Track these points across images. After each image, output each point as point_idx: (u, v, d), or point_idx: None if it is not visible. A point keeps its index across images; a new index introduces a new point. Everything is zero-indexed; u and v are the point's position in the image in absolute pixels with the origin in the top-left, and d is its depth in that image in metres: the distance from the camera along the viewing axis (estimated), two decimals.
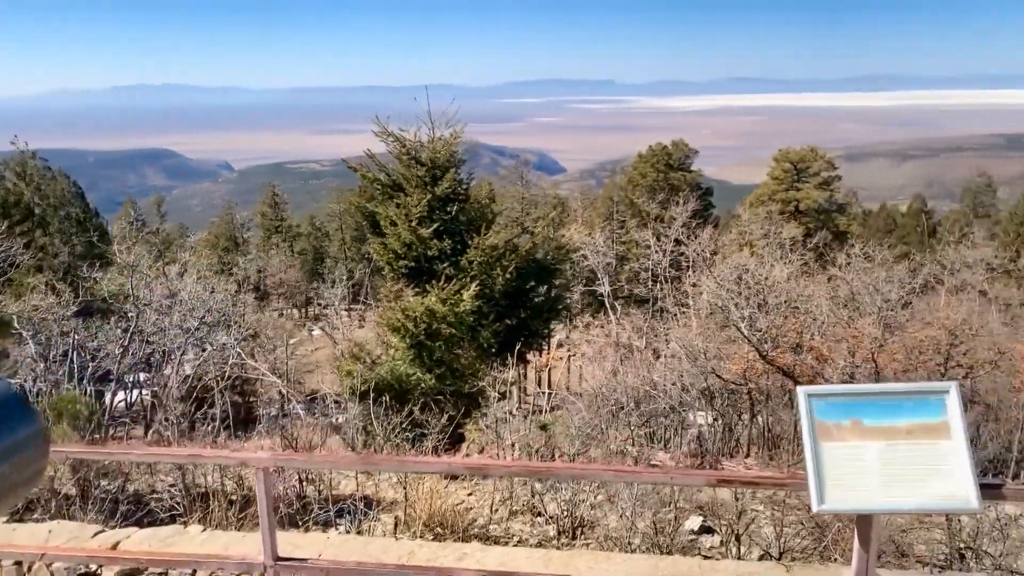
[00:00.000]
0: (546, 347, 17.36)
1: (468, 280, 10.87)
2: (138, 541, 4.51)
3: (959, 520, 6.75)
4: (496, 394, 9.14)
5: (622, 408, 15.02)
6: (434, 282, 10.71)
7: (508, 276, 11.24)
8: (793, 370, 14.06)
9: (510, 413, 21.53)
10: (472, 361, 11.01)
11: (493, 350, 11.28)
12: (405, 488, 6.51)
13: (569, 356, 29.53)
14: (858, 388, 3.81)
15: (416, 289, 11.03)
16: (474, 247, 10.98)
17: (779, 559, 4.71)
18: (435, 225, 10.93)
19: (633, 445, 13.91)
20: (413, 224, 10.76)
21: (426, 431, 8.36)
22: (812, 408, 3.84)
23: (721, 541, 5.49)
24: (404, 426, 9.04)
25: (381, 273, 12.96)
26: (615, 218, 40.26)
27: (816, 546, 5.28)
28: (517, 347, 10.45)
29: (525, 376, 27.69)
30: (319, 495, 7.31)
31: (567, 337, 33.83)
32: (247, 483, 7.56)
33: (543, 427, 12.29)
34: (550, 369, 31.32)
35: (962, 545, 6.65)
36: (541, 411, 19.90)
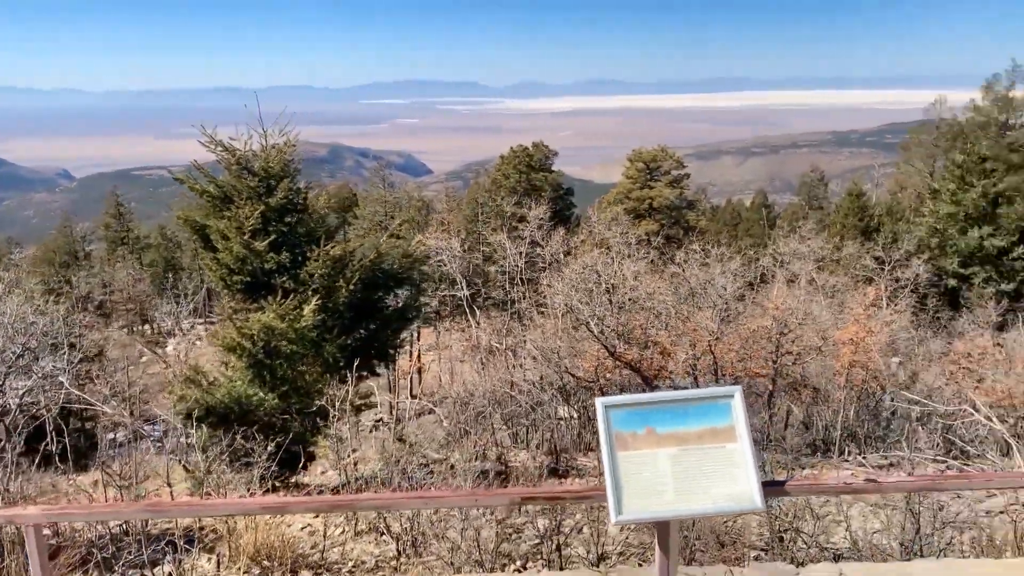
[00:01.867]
0: (398, 357, 17.10)
1: (309, 294, 10.49)
2: None
3: (779, 505, 7.16)
4: (337, 412, 8.85)
5: (481, 413, 15.08)
6: (272, 297, 10.25)
7: (352, 287, 10.94)
8: (640, 365, 14.58)
9: (375, 424, 21.17)
10: (317, 378, 10.63)
11: (341, 364, 10.94)
12: (227, 520, 6.14)
13: (434, 362, 29.40)
14: (651, 397, 3.90)
15: (253, 305, 10.54)
16: (314, 259, 10.60)
17: (596, 566, 4.81)
18: (271, 237, 10.47)
19: (497, 447, 14.02)
20: (247, 237, 10.26)
21: (265, 454, 7.99)
22: (610, 419, 3.89)
23: (543, 551, 5.54)
24: (243, 450, 8.62)
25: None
26: (480, 220, 40.45)
27: (638, 550, 5.42)
28: (356, 363, 10.15)
29: (395, 384, 27.31)
30: (140, 531, 6.81)
31: (436, 341, 33.68)
32: (61, 526, 6.94)
33: (400, 439, 12.11)
34: (420, 374, 31.06)
35: (781, 528, 7.06)
36: (407, 419, 19.70)
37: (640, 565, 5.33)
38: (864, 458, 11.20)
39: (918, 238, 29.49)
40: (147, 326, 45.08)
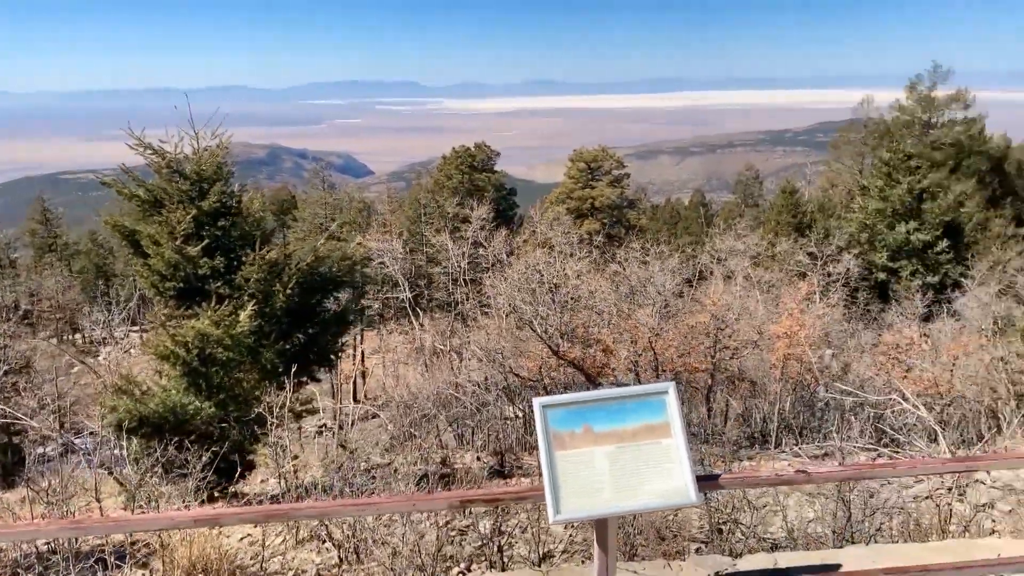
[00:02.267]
0: (340, 361, 16.89)
1: (245, 299, 10.25)
2: None
3: (718, 497, 7.30)
4: (276, 419, 8.67)
5: (426, 415, 15.01)
6: (206, 303, 9.98)
7: (290, 292, 10.72)
8: (584, 363, 14.70)
9: (319, 430, 20.86)
10: (255, 384, 10.40)
11: (279, 371, 10.71)
12: (161, 534, 5.96)
13: (378, 365, 29.09)
14: (587, 395, 3.92)
15: (187, 312, 10.24)
16: (250, 263, 10.36)
17: (539, 565, 4.83)
18: (204, 242, 10.18)
19: (442, 449, 13.95)
20: (179, 242, 9.96)
21: (200, 465, 7.77)
22: (547, 418, 3.91)
23: (486, 552, 5.53)
24: (179, 461, 8.37)
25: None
26: (423, 220, 40.24)
27: (582, 546, 5.46)
28: (295, 369, 9.96)
29: (339, 389, 26.94)
30: (69, 549, 6.55)
31: (380, 344, 33.37)
32: None
33: (343, 445, 11.94)
34: (363, 378, 30.72)
35: (720, 520, 7.20)
36: (350, 425, 19.43)
37: (583, 562, 5.37)
38: (800, 449, 11.49)
39: (849, 233, 30.44)
40: (78, 335, 43.52)
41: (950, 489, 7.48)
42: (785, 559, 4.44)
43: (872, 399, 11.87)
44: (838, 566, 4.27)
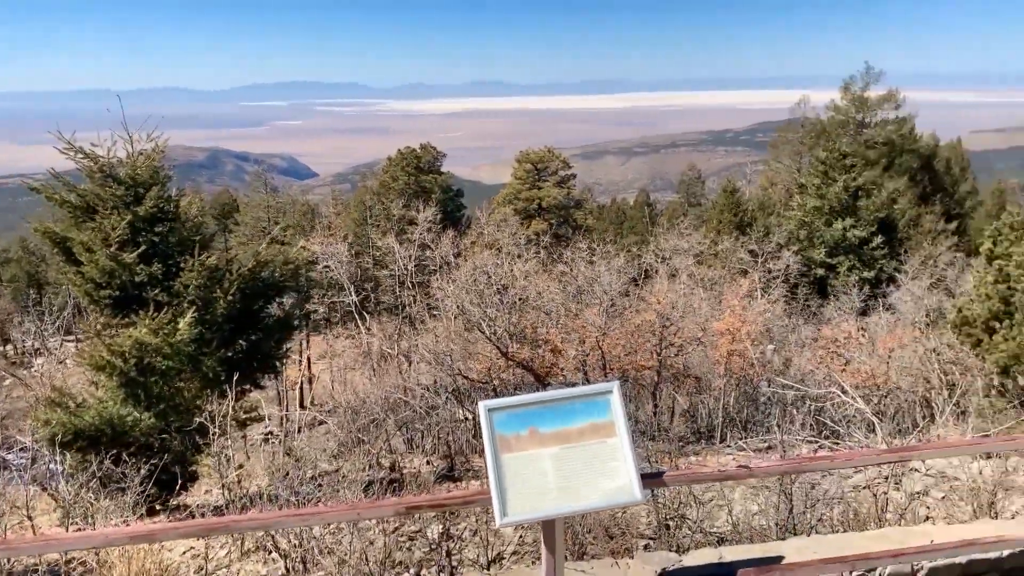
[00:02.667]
0: (285, 367, 16.61)
1: (185, 306, 9.99)
2: None
3: (665, 493, 7.40)
4: (218, 428, 8.46)
5: (374, 420, 14.85)
6: (144, 311, 9.69)
7: (231, 297, 10.49)
8: (532, 364, 14.75)
9: (265, 437, 20.41)
10: (197, 393, 10.15)
11: (222, 378, 10.47)
12: (98, 551, 5.76)
13: (325, 370, 28.71)
14: (533, 398, 3.93)
15: (124, 321, 9.93)
16: (189, 269, 10.10)
17: (488, 568, 4.82)
18: (141, 248, 9.89)
19: (392, 454, 13.82)
20: (113, 249, 9.65)
21: (139, 478, 7.54)
22: (492, 422, 3.89)
23: (436, 557, 5.51)
24: (117, 475, 8.10)
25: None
26: (369, 223, 39.82)
27: (532, 547, 5.47)
28: (237, 376, 9.75)
29: (285, 395, 26.47)
30: (1, 569, 6.29)
31: (327, 349, 32.90)
32: None
33: (288, 452, 11.73)
34: (311, 384, 30.27)
35: (668, 516, 7.29)
36: (296, 431, 19.12)
37: (533, 563, 5.37)
38: (745, 443, 11.72)
39: (788, 231, 31.20)
40: (8, 346, 41.84)
41: (887, 478, 7.72)
42: (730, 553, 4.52)
43: (813, 392, 12.18)
44: (780, 558, 4.36)
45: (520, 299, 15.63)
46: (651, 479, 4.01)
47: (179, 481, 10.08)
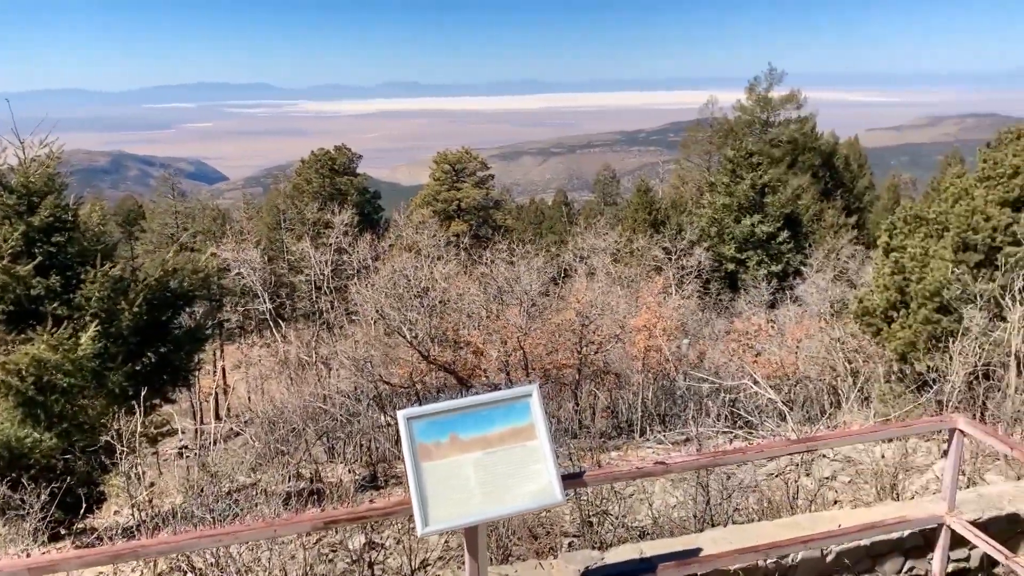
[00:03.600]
0: (198, 379, 16.05)
1: (87, 319, 9.51)
2: None
3: (587, 490, 7.50)
4: (126, 445, 8.10)
5: (294, 430, 14.51)
6: (42, 327, 9.18)
7: (137, 309, 10.04)
8: (455, 366, 14.71)
9: (180, 451, 19.62)
10: (103, 410, 9.68)
11: (129, 393, 10.01)
12: None
13: (241, 380, 27.88)
14: (453, 404, 3.91)
15: (20, 337, 9.39)
16: (90, 281, 9.62)
17: None
18: (37, 260, 9.38)
19: (313, 463, 13.52)
20: (6, 262, 9.11)
21: (39, 503, 7.14)
22: (412, 430, 3.85)
23: (358, 568, 5.42)
24: (16, 501, 7.65)
25: None
26: (282, 227, 38.87)
27: (457, 551, 5.44)
28: (146, 390, 9.36)
29: (199, 408, 25.56)
30: None
31: (242, 359, 31.95)
32: None
33: (203, 467, 11.34)
34: (226, 395, 29.30)
35: (591, 513, 7.39)
36: (212, 444, 18.49)
37: (459, 567, 5.34)
38: (664, 436, 11.99)
39: (700, 228, 32.14)
40: None
41: (798, 465, 8.05)
42: (650, 548, 4.61)
43: (727, 384, 12.56)
44: (699, 550, 4.47)
45: (441, 301, 15.56)
46: (572, 480, 4.05)
47: (85, 504, 9.62)
